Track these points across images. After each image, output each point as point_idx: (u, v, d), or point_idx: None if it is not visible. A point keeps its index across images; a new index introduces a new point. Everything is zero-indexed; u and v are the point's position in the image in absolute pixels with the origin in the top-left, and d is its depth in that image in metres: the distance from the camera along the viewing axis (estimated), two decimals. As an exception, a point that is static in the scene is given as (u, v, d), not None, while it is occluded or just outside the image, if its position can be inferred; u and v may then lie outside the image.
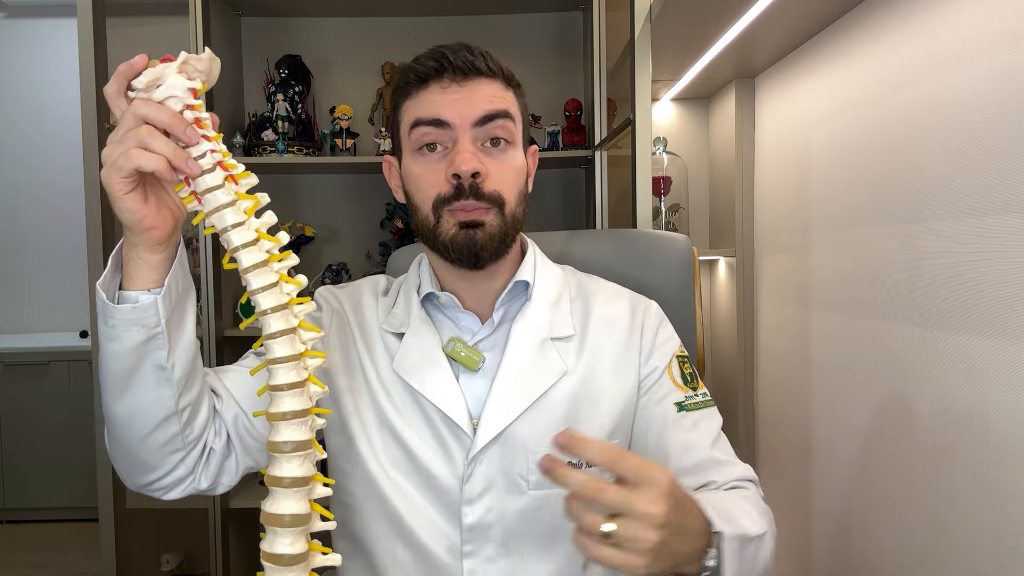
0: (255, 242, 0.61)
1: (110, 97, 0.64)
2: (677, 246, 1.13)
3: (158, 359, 0.71)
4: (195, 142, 0.62)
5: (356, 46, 2.33)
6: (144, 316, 0.68)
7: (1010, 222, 0.91)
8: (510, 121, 0.84)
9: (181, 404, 0.74)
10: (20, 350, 3.13)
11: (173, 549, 2.28)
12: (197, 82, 0.63)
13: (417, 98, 0.85)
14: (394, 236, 2.27)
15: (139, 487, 0.81)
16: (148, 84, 0.62)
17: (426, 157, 0.84)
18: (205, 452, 0.81)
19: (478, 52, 0.85)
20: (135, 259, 0.68)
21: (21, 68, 3.48)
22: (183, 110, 0.63)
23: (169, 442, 0.76)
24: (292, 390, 0.60)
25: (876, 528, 1.27)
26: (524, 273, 0.90)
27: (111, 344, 0.70)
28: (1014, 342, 0.90)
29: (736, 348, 1.94)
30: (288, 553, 0.59)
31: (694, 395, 0.91)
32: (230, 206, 0.61)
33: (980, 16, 0.97)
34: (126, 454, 0.77)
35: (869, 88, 1.28)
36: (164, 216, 0.67)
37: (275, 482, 0.59)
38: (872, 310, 1.27)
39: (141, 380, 0.71)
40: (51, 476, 3.08)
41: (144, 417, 0.73)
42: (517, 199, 0.86)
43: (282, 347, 0.60)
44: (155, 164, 0.61)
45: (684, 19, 1.45)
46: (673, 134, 2.17)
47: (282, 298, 0.61)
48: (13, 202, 3.49)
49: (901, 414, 1.18)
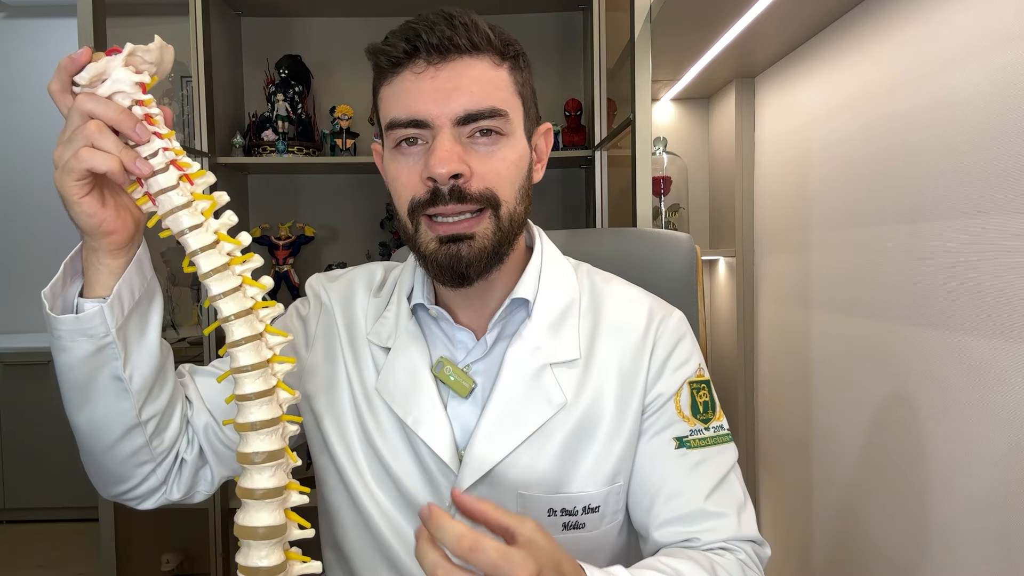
0: (214, 244, 0.58)
1: (54, 95, 0.59)
2: (680, 245, 1.13)
3: (113, 369, 0.66)
4: (145, 140, 0.58)
5: (356, 46, 2.32)
6: (89, 326, 0.64)
7: (1010, 222, 0.91)
8: (499, 117, 0.71)
9: (144, 415, 0.70)
10: (20, 350, 3.13)
11: (173, 549, 2.28)
12: (145, 75, 0.59)
13: (391, 86, 0.73)
14: (394, 236, 2.27)
15: (111, 497, 0.78)
16: (92, 79, 0.58)
17: (404, 155, 0.73)
18: (177, 462, 0.77)
19: (460, 22, 0.71)
20: (95, 265, 0.64)
21: (21, 68, 3.48)
22: (131, 106, 0.59)
23: (136, 454, 0.72)
24: (260, 399, 0.57)
25: (876, 528, 1.27)
26: (523, 288, 0.78)
27: (61, 355, 0.66)
28: (1014, 342, 0.90)
29: (736, 348, 1.94)
30: (264, 566, 0.56)
31: (703, 429, 0.79)
32: (185, 207, 0.58)
33: (980, 16, 0.97)
34: (93, 465, 0.74)
35: (869, 88, 1.28)
36: (124, 219, 0.63)
37: (247, 494, 0.56)
38: (872, 310, 1.27)
39: (98, 391, 0.68)
40: (51, 476, 3.08)
41: (105, 429, 0.70)
42: (517, 195, 0.74)
43: (247, 355, 0.57)
44: (108, 164, 0.57)
45: (684, 19, 1.44)
46: (673, 134, 2.17)
47: (245, 303, 0.58)
48: (13, 202, 3.49)
49: (901, 414, 1.18)
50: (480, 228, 0.72)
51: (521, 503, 0.75)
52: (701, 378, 0.81)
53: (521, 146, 0.75)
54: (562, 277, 0.82)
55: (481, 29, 0.72)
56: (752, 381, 1.94)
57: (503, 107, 0.72)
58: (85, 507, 2.94)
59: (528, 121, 0.77)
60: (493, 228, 0.73)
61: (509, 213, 0.74)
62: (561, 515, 0.76)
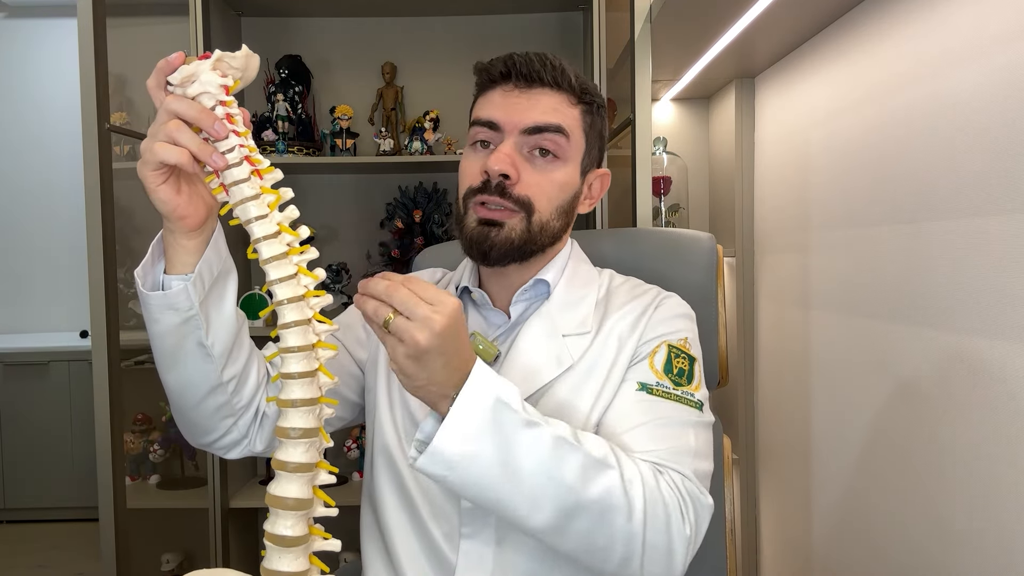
0: (276, 235, 0.64)
1: (151, 90, 0.67)
2: (700, 245, 1.12)
3: (198, 338, 0.75)
4: (223, 136, 0.64)
5: (356, 46, 2.33)
6: (176, 301, 0.72)
7: (1010, 222, 0.91)
8: (561, 136, 0.86)
9: (226, 376, 0.79)
10: (20, 350, 3.13)
11: (173, 549, 2.28)
12: (229, 79, 0.66)
13: (484, 97, 0.89)
14: (394, 236, 2.27)
15: (201, 446, 0.87)
16: (182, 80, 0.64)
17: (475, 152, 0.88)
18: (258, 417, 0.85)
19: (548, 63, 0.86)
20: (173, 245, 0.72)
21: (21, 68, 3.48)
22: (215, 106, 0.65)
23: (219, 409, 0.81)
24: (302, 379, 0.62)
25: (876, 528, 1.27)
26: (546, 272, 0.91)
27: (153, 326, 0.74)
28: (1014, 342, 0.90)
29: (736, 348, 1.94)
30: (289, 535, 0.61)
31: (670, 387, 0.83)
32: (254, 199, 0.64)
33: (980, 16, 0.97)
34: (183, 419, 0.83)
35: (869, 88, 1.28)
36: (196, 205, 0.70)
37: (280, 466, 0.62)
38: (872, 310, 1.27)
39: (185, 356, 0.76)
40: (51, 476, 3.08)
41: (193, 388, 0.79)
42: (553, 212, 0.87)
43: (295, 337, 0.62)
44: (177, 157, 0.64)
45: (684, 19, 1.45)
46: (673, 134, 2.17)
47: (299, 290, 0.63)
48: (13, 202, 3.49)
49: (901, 414, 1.18)
50: (511, 222, 0.85)
51: None
52: (683, 347, 0.87)
53: (573, 174, 0.89)
54: (584, 275, 0.94)
55: (566, 73, 0.87)
56: (752, 381, 1.94)
57: (566, 128, 0.86)
58: (85, 507, 2.95)
59: (587, 159, 0.91)
60: (523, 228, 0.86)
61: (541, 222, 0.87)
62: None
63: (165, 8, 2.26)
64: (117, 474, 1.70)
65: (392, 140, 2.17)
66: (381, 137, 2.16)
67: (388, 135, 2.17)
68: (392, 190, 2.32)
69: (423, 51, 2.33)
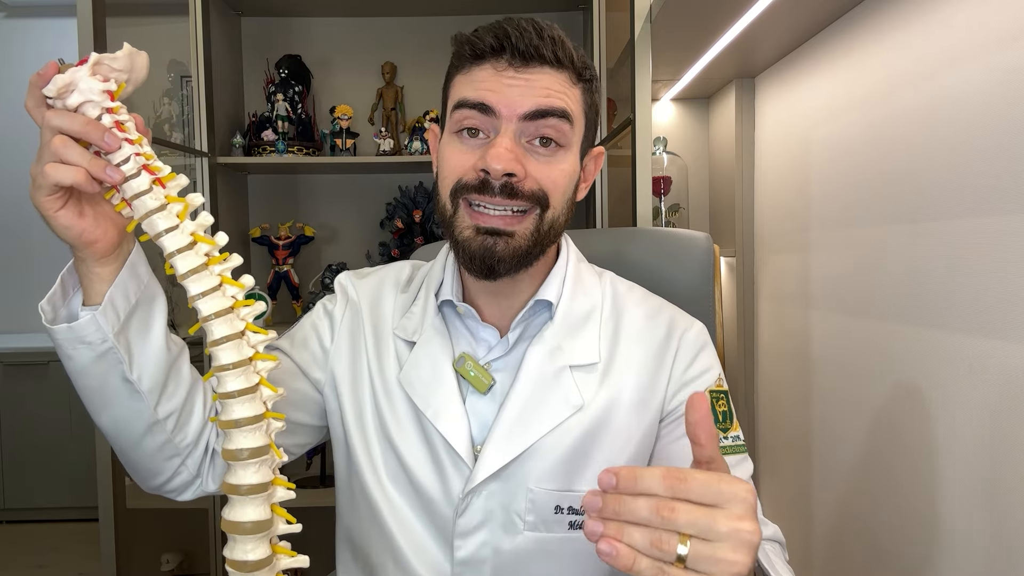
0: (191, 245, 0.59)
1: (31, 112, 0.60)
2: (696, 244, 1.12)
3: (121, 372, 0.67)
4: (115, 147, 0.58)
5: (356, 46, 2.33)
6: (84, 334, 0.65)
7: (1010, 222, 0.91)
8: (565, 123, 0.74)
9: (161, 413, 0.71)
10: (20, 350, 3.13)
11: (173, 549, 2.28)
12: (113, 83, 0.60)
13: (468, 74, 0.75)
14: (394, 236, 2.27)
15: (151, 490, 0.79)
16: (60, 91, 0.58)
17: (463, 141, 0.75)
18: (208, 453, 0.77)
19: (548, 36, 0.74)
20: (87, 274, 0.65)
21: (21, 68, 3.48)
22: (101, 115, 0.59)
23: (161, 449, 0.73)
24: (242, 396, 0.57)
25: (876, 528, 1.27)
26: (547, 291, 0.80)
27: (68, 363, 0.67)
28: (1014, 342, 0.90)
29: (736, 348, 1.94)
30: (251, 559, 0.57)
31: (722, 438, 0.78)
32: (159, 210, 0.59)
33: (980, 16, 0.97)
34: (126, 461, 0.76)
35: (869, 88, 1.28)
36: (105, 227, 0.63)
37: (232, 490, 0.58)
38: (872, 310, 1.27)
39: (111, 394, 0.69)
40: (51, 476, 3.08)
41: (127, 428, 0.71)
42: (563, 205, 0.76)
43: (228, 353, 0.57)
44: (73, 177, 0.58)
45: (684, 19, 1.44)
46: (673, 134, 2.17)
47: (225, 302, 0.58)
48: (13, 201, 3.49)
49: (901, 414, 1.18)
50: (521, 227, 0.74)
51: (530, 498, 0.77)
52: (720, 388, 0.82)
53: (574, 160, 0.78)
54: (586, 283, 0.84)
55: (567, 47, 0.75)
56: (752, 381, 1.94)
57: (571, 113, 0.74)
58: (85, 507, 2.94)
59: (585, 141, 0.80)
60: (533, 229, 0.74)
61: (552, 219, 0.76)
62: (568, 513, 0.77)
63: (165, 8, 2.26)
64: (117, 474, 1.70)
65: (392, 140, 2.17)
66: (381, 137, 2.16)
67: (388, 135, 2.17)
68: (392, 190, 2.33)
69: (423, 51, 2.33)
